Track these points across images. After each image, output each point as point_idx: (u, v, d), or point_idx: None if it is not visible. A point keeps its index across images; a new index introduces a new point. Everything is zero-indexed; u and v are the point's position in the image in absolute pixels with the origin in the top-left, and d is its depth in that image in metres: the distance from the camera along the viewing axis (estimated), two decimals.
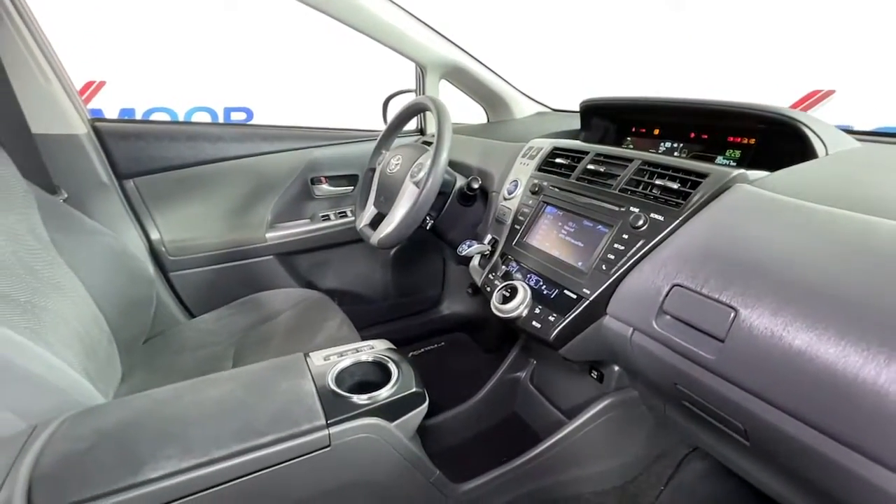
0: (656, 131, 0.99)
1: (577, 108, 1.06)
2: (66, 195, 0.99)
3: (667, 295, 0.58)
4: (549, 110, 1.53)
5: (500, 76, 1.44)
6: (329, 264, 1.45)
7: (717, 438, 0.66)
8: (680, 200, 0.64)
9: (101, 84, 3.12)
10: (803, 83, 2.78)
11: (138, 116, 3.22)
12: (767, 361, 0.47)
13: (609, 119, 1.06)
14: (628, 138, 1.05)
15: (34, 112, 0.92)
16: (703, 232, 0.59)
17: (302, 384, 0.62)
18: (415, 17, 1.26)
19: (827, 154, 0.67)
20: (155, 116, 3.27)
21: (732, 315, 0.50)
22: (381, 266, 1.52)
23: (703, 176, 0.64)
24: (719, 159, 0.86)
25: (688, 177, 0.66)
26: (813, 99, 2.78)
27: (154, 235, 1.17)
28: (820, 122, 0.70)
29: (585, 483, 0.90)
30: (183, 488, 0.50)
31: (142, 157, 1.13)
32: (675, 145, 0.95)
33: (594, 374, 0.88)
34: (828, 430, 0.43)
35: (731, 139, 0.85)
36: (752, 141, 0.82)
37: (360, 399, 0.61)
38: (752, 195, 0.58)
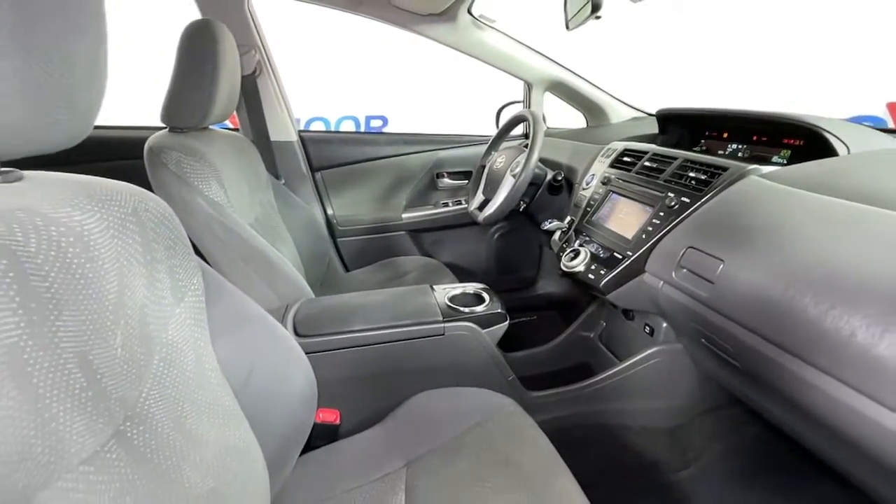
0: (725, 135, 1.16)
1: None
2: (283, 181, 1.51)
3: (682, 254, 0.80)
4: (645, 115, 1.71)
5: (597, 86, 1.67)
6: (445, 242, 1.83)
7: (728, 370, 0.85)
8: (703, 188, 0.85)
9: None
10: None
11: (302, 125, 4.02)
12: (743, 296, 0.68)
13: (684, 125, 1.24)
14: (702, 141, 1.22)
15: (272, 126, 1.45)
16: (714, 208, 0.80)
17: (429, 299, 0.99)
18: (519, 41, 1.56)
19: (849, 153, 0.82)
20: (314, 125, 4.04)
21: (721, 265, 0.72)
22: (486, 247, 1.85)
23: (724, 169, 0.84)
24: (774, 158, 1.02)
25: (715, 170, 0.87)
26: None
27: (329, 211, 1.66)
28: (847, 126, 0.84)
29: (634, 416, 1.11)
30: (366, 339, 0.89)
31: (327, 156, 1.63)
32: (740, 146, 1.11)
33: (647, 329, 1.10)
34: (781, 343, 0.61)
35: (786, 141, 1.00)
36: (801, 142, 0.96)
37: (463, 309, 0.95)
38: (756, 183, 0.78)
